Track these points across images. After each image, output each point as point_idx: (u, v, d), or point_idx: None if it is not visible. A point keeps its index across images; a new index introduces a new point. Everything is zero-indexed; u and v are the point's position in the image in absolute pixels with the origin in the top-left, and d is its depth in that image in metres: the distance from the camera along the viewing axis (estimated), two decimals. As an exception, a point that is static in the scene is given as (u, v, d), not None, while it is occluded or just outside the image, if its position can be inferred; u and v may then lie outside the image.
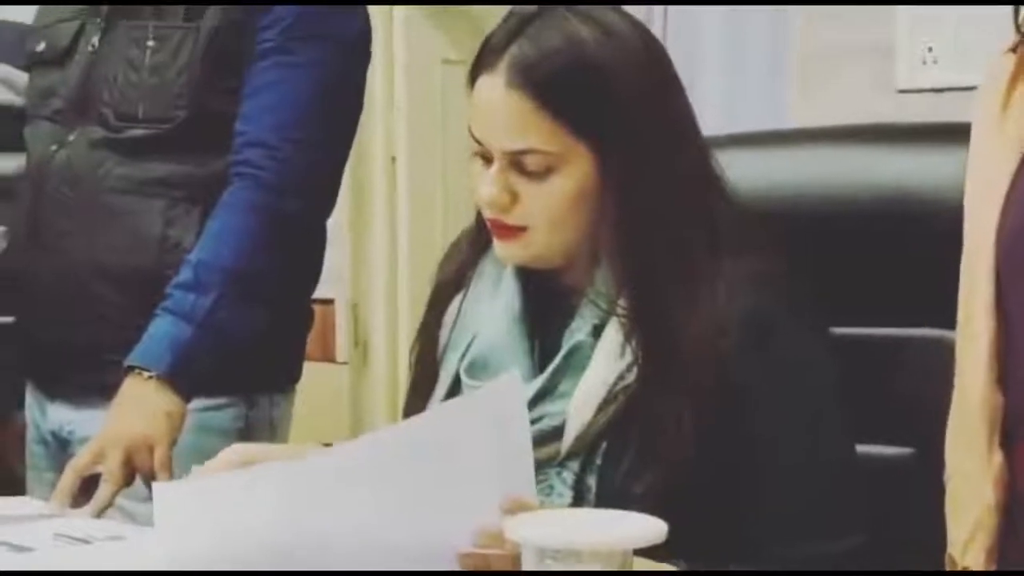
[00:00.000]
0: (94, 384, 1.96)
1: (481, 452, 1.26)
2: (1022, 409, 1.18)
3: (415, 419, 1.40)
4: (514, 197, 1.42)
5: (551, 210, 1.41)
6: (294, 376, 2.14)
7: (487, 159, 1.43)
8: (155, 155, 1.99)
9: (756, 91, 3.45)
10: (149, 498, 1.41)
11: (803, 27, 3.00)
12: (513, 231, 1.44)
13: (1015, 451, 1.20)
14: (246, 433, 2.01)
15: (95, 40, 2.04)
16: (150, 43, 2.00)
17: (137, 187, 1.99)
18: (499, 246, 1.46)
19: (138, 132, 1.99)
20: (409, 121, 3.75)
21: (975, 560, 1.20)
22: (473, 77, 1.44)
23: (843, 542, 1.38)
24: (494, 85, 1.41)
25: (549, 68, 1.39)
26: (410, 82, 3.75)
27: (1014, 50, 1.23)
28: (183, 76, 1.97)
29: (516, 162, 1.41)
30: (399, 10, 3.73)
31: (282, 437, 2.11)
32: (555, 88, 1.39)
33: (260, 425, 2.04)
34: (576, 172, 1.41)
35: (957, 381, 1.24)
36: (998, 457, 1.19)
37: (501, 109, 1.40)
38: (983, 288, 1.19)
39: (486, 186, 1.42)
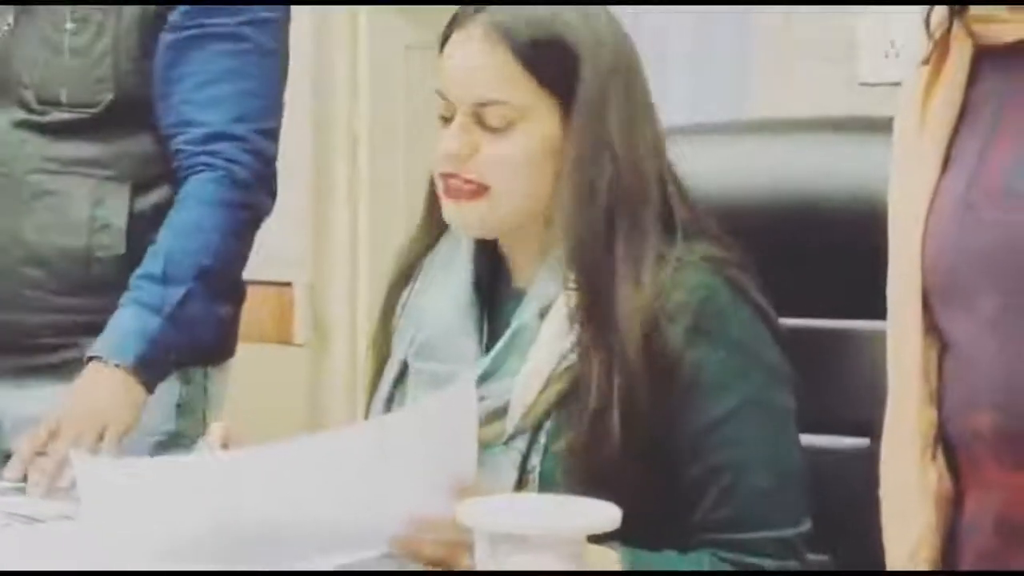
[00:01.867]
0: (26, 366, 1.94)
1: (428, 460, 1.29)
2: (962, 427, 1.17)
3: (366, 423, 1.43)
4: (475, 150, 1.42)
5: (510, 165, 1.42)
6: (228, 351, 2.10)
7: (449, 120, 1.44)
8: (82, 137, 1.95)
9: (721, 84, 3.45)
10: None
11: (767, 20, 3.01)
12: (469, 190, 1.43)
13: (960, 469, 1.19)
14: (181, 409, 1.99)
15: (10, 19, 1.98)
16: (69, 26, 1.95)
17: (64, 167, 1.95)
18: (453, 212, 1.46)
19: (63, 116, 1.95)
20: (372, 106, 3.74)
21: None
22: (445, 38, 1.46)
23: (793, 528, 1.39)
24: (469, 36, 1.43)
25: (530, 28, 1.41)
26: (373, 67, 3.73)
27: (927, 62, 1.22)
28: (107, 58, 1.94)
29: (479, 116, 1.42)
30: (364, -7, 3.71)
31: (217, 412, 2.08)
32: (529, 44, 1.41)
33: (195, 400, 2.01)
34: (539, 130, 1.42)
35: (889, 398, 1.23)
36: (933, 474, 1.19)
37: (473, 58, 1.42)
38: (910, 304, 1.18)
39: (447, 139, 1.43)
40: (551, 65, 1.42)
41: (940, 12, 1.20)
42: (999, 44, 1.17)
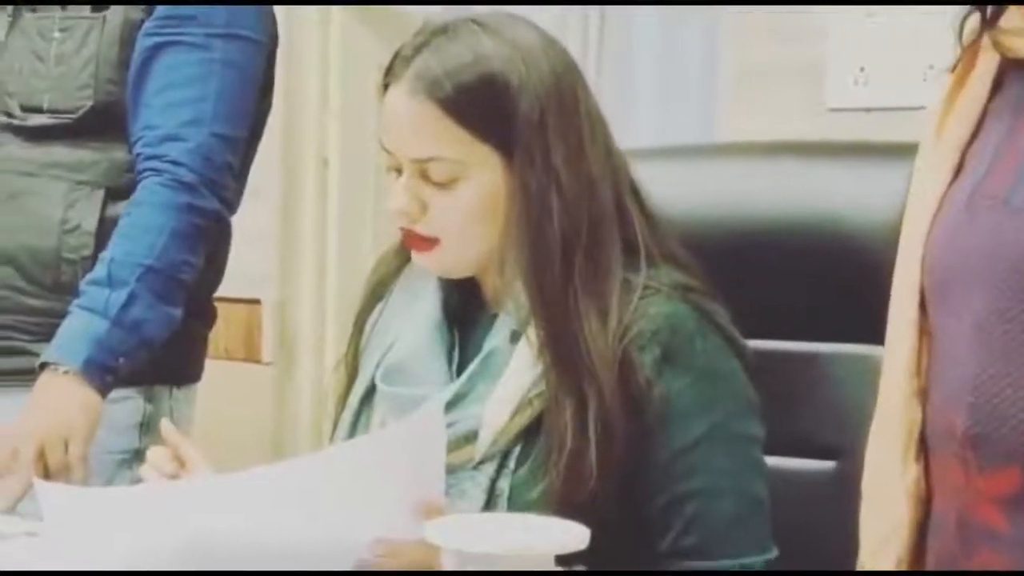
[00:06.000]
0: None
1: (397, 483, 1.27)
2: (938, 427, 1.19)
3: (336, 447, 1.41)
4: (424, 207, 1.41)
5: (460, 220, 1.41)
6: (194, 373, 2.11)
7: (398, 171, 1.43)
8: (59, 141, 1.97)
9: (689, 109, 3.47)
10: None
11: (735, 46, 3.02)
12: (425, 243, 1.43)
13: (928, 466, 1.21)
14: (145, 428, 1.99)
15: (2, 34, 2.02)
16: (56, 34, 1.98)
17: (39, 170, 1.97)
18: (415, 257, 1.46)
19: (43, 121, 1.98)
20: (342, 124, 3.74)
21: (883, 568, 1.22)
22: (384, 87, 1.44)
23: (759, 556, 1.39)
24: (399, 94, 1.41)
25: (454, 77, 1.39)
26: (344, 85, 3.73)
27: (954, 70, 1.24)
28: (89, 66, 1.96)
29: (423, 171, 1.41)
30: (336, 12, 3.71)
31: (183, 432, 2.06)
32: (459, 97, 1.38)
33: (159, 419, 2.01)
34: (483, 180, 1.40)
35: (880, 395, 1.25)
36: (913, 472, 1.20)
37: (405, 117, 1.40)
38: (907, 304, 1.21)
39: (395, 196, 1.42)
40: (483, 112, 1.38)
41: (973, 21, 1.21)
42: None
